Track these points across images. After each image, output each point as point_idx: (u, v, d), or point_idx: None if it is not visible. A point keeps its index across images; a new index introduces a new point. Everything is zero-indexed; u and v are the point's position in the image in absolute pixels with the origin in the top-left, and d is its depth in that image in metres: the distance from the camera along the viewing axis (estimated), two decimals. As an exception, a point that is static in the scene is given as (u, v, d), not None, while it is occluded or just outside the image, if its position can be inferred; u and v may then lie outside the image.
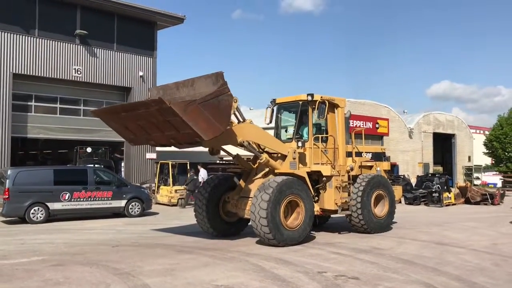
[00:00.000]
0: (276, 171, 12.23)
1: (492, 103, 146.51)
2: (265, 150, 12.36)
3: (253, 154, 12.59)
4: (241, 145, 11.73)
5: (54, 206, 16.28)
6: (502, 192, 27.21)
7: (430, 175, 29.60)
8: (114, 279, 7.98)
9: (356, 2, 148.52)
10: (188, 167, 23.90)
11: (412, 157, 41.45)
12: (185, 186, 22.43)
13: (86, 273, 8.40)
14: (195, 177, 22.11)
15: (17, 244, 11.66)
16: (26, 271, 8.55)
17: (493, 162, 56.16)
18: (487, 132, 59.48)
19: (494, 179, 48.45)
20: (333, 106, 13.55)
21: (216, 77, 10.74)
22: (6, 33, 22.05)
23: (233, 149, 12.64)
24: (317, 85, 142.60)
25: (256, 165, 12.51)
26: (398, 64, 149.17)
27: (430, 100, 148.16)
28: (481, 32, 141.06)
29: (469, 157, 48.19)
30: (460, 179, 43.40)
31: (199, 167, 22.94)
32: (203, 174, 22.46)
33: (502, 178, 43.91)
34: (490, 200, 25.25)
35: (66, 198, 16.48)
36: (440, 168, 46.32)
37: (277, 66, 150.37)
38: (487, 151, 54.57)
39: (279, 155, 12.49)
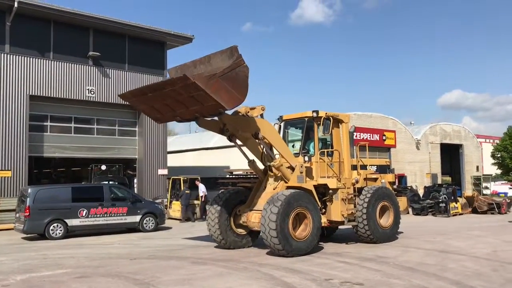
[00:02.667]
0: (284, 184, 12.87)
1: (504, 111, 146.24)
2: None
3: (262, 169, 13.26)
4: (256, 137, 12.50)
5: (72, 222, 16.99)
6: (509, 201, 27.55)
7: (437, 185, 30.03)
8: (135, 289, 8.61)
9: (368, 13, 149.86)
10: (182, 182, 24.69)
11: (420, 168, 41.80)
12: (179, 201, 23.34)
13: (109, 284, 9.05)
14: (187, 191, 23.01)
15: (41, 259, 12.31)
16: (54, 283, 9.21)
17: (503, 171, 56.32)
18: (497, 141, 59.74)
19: (504, 188, 48.67)
20: (337, 122, 14.20)
21: (231, 51, 11.30)
22: (22, 57, 22.94)
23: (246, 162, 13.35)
24: (327, 97, 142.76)
25: (268, 171, 13.22)
26: (409, 74, 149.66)
27: (441, 109, 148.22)
28: (493, 40, 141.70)
29: (477, 167, 48.42)
30: (468, 189, 43.64)
31: (197, 182, 23.90)
32: (203, 188, 23.62)
33: (511, 187, 44.14)
34: (497, 209, 25.65)
35: (84, 214, 17.18)
36: (448, 178, 46.64)
37: (287, 79, 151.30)
38: (495, 161, 54.79)
39: (289, 165, 13.12)
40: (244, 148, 13.44)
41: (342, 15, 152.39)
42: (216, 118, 12.17)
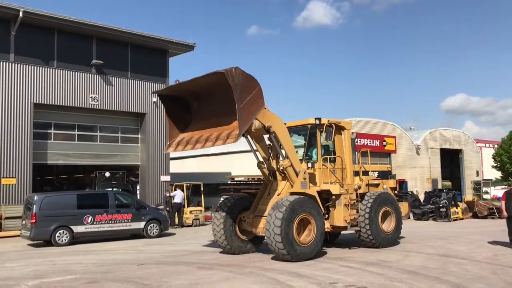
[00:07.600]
0: (288, 190, 13.09)
1: (508, 115, 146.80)
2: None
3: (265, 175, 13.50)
4: (267, 130, 12.63)
5: (77, 229, 17.20)
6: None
7: (438, 190, 30.26)
8: (145, 293, 8.82)
9: (376, 15, 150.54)
10: (185, 189, 24.91)
11: (420, 173, 42.05)
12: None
13: (119, 288, 9.26)
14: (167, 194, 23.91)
15: (49, 265, 12.51)
16: (65, 288, 9.43)
17: (503, 176, 56.55)
18: (497, 146, 60.07)
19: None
20: (339, 129, 14.46)
21: (227, 71, 10.93)
22: (27, 66, 23.25)
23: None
24: (332, 101, 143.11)
25: (272, 177, 13.45)
26: (412, 78, 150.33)
27: (444, 114, 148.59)
28: (498, 43, 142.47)
29: (477, 172, 48.65)
30: (469, 194, 43.87)
31: (177, 188, 24.34)
32: (177, 196, 23.91)
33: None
34: (497, 214, 25.83)
35: (89, 221, 17.39)
36: (449, 184, 46.88)
37: (293, 84, 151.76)
38: (496, 164, 54.97)
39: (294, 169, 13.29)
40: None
41: (350, 18, 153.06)
42: None
